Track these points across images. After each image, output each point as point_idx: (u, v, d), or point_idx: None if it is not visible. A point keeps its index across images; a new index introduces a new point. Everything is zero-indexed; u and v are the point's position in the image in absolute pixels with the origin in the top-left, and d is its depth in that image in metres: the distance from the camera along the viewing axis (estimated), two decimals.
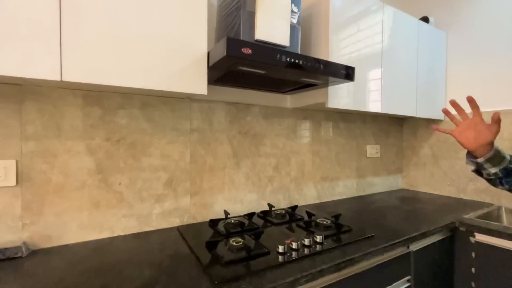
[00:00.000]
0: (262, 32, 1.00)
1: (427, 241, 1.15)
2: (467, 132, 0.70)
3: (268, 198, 1.40)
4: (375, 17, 1.38)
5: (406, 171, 2.06)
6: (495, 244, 1.15)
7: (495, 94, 1.59)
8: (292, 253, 0.84)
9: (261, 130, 1.38)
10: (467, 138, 0.69)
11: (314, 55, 1.27)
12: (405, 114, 1.58)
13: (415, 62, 1.60)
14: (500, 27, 1.57)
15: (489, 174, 0.70)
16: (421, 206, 1.53)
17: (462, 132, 0.71)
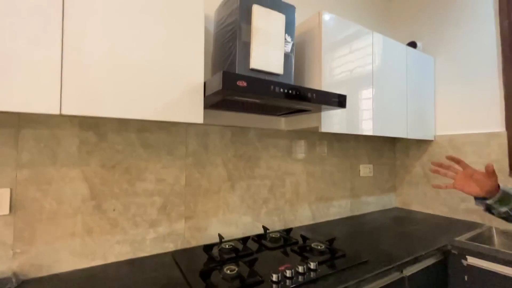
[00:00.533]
0: (257, 61, 1.05)
1: (420, 265, 1.16)
2: (469, 183, 0.73)
3: (263, 220, 1.41)
4: (365, 44, 1.44)
5: (400, 190, 2.09)
6: (487, 267, 1.16)
7: (480, 116, 1.65)
8: (286, 281, 0.84)
9: (256, 152, 1.40)
10: (473, 188, 0.73)
11: (307, 80, 1.31)
12: (396, 135, 1.62)
13: (404, 86, 1.66)
14: (483, 52, 1.65)
15: (500, 213, 0.72)
16: (414, 227, 1.55)
17: (464, 184, 0.75)
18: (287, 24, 1.13)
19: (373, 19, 2.06)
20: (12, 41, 0.64)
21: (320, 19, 1.26)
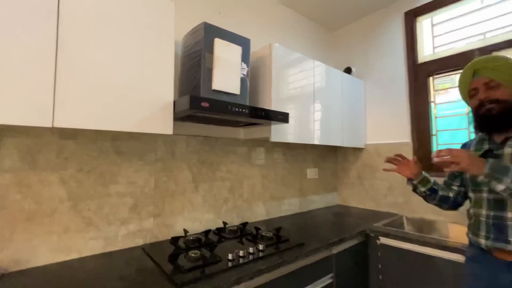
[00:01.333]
0: (218, 83, 1.29)
1: (346, 244, 1.49)
2: (404, 169, 1.19)
3: (223, 217, 1.63)
4: (307, 69, 1.78)
5: (340, 190, 2.48)
6: (395, 245, 1.53)
7: (396, 130, 2.10)
8: (239, 259, 1.08)
9: (217, 158, 1.62)
10: (406, 173, 1.19)
11: (260, 99, 1.59)
12: (335, 144, 1.99)
13: (340, 104, 2.05)
14: (398, 80, 2.12)
15: (421, 192, 1.16)
16: (348, 218, 1.91)
17: (401, 169, 1.21)
18: (243, 54, 1.40)
19: (318, 47, 2.45)
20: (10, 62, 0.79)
21: (271, 49, 1.56)
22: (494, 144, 0.98)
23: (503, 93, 0.93)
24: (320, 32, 2.49)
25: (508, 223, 0.88)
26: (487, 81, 0.95)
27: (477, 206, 1.00)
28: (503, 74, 0.93)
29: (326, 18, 2.37)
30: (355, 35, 2.44)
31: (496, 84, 0.94)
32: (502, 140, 0.96)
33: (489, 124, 0.97)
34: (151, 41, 1.07)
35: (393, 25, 2.16)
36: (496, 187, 0.83)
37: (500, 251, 0.89)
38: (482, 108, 0.96)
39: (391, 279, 1.52)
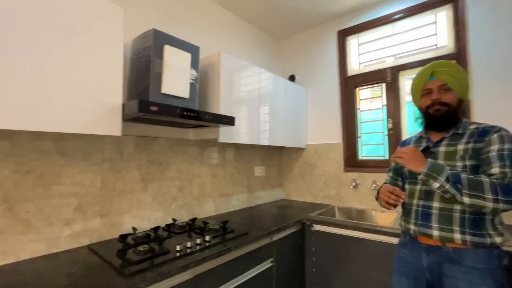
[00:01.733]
0: (167, 87, 1.36)
1: (285, 232, 1.71)
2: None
3: (173, 214, 1.70)
4: (253, 76, 1.96)
5: (285, 185, 2.74)
6: (326, 230, 1.80)
7: (331, 132, 2.43)
8: (187, 250, 1.19)
9: (167, 158, 1.69)
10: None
11: (209, 103, 1.70)
12: (280, 144, 2.21)
13: (284, 108, 2.28)
14: (333, 89, 2.45)
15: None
16: (290, 210, 2.15)
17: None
18: (192, 60, 1.50)
19: (266, 55, 2.66)
20: None
21: (219, 57, 1.69)
22: (431, 142, 1.10)
23: (451, 98, 1.04)
24: (267, 40, 2.71)
25: (432, 211, 1.00)
26: (441, 84, 1.04)
27: (410, 197, 1.10)
28: (454, 80, 1.03)
29: (273, 28, 2.59)
30: (299, 46, 2.72)
31: (447, 88, 1.04)
32: (438, 140, 1.08)
33: (435, 123, 1.08)
34: (99, 46, 1.10)
35: (329, 41, 2.49)
36: (432, 185, 0.92)
37: (423, 236, 1.01)
38: (432, 108, 1.06)
39: (323, 260, 1.80)
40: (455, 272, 0.94)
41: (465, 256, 0.93)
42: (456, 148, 1.01)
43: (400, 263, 1.12)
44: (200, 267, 1.14)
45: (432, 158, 1.01)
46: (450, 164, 0.98)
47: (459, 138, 1.03)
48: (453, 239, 0.94)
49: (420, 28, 2.04)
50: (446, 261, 0.96)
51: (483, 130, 1.00)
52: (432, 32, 1.99)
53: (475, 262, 0.92)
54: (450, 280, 0.94)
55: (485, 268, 0.91)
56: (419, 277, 1.03)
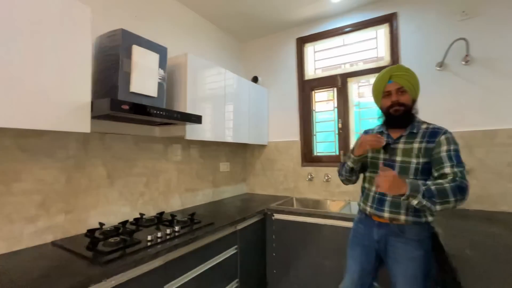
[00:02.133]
0: (136, 86, 1.41)
1: (248, 222, 1.87)
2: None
3: (140, 209, 1.74)
4: (218, 75, 2.07)
5: (248, 180, 2.90)
6: (285, 219, 2.01)
7: (290, 130, 2.66)
8: (158, 239, 1.27)
9: (133, 154, 1.72)
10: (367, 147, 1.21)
11: (176, 101, 1.77)
12: (244, 142, 2.36)
13: (247, 108, 2.44)
14: (293, 91, 2.67)
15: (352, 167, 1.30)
16: (252, 203, 2.32)
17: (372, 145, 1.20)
18: (160, 61, 1.56)
19: (231, 55, 2.78)
20: None
21: (186, 58, 1.77)
22: (391, 138, 1.25)
23: (407, 99, 1.19)
24: (232, 42, 2.83)
25: (386, 198, 1.20)
26: (399, 87, 1.19)
27: (370, 183, 1.29)
28: (408, 84, 1.18)
29: (237, 30, 2.72)
30: (261, 49, 2.89)
31: (403, 91, 1.19)
32: (397, 137, 1.23)
33: (394, 121, 1.23)
34: (67, 44, 1.12)
35: (289, 47, 2.71)
36: (411, 202, 1.02)
37: (376, 216, 1.23)
38: (392, 108, 1.21)
39: (282, 245, 2.01)
40: (397, 243, 1.18)
41: (405, 230, 1.17)
42: (412, 146, 1.19)
43: (355, 235, 1.34)
44: (170, 254, 1.24)
45: (393, 153, 1.22)
46: (407, 160, 1.18)
47: (414, 137, 1.20)
48: (399, 219, 1.18)
49: (364, 42, 2.36)
50: (392, 234, 1.20)
51: (432, 131, 1.18)
52: (374, 46, 2.32)
53: (412, 235, 1.17)
54: (392, 249, 1.20)
55: (419, 239, 1.16)
56: (370, 246, 1.27)
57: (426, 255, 1.16)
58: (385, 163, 1.24)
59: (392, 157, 1.23)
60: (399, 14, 2.16)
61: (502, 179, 1.76)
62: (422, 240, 1.17)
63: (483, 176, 1.81)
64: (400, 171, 1.19)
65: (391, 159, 1.22)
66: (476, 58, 1.86)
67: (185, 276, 1.33)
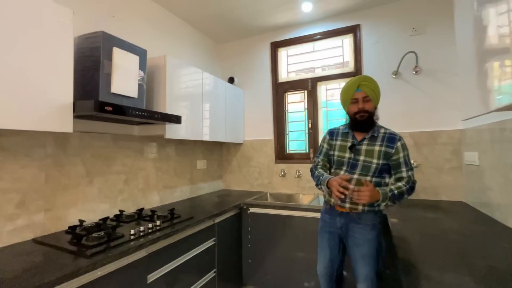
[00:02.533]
0: (116, 87, 1.47)
1: (225, 215, 2.00)
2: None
3: (119, 206, 1.78)
4: (196, 77, 2.15)
5: (225, 177, 3.02)
6: (260, 212, 2.17)
7: (265, 129, 2.82)
8: (140, 233, 1.35)
9: (112, 153, 1.75)
10: None
11: (156, 101, 1.83)
12: (221, 140, 2.47)
13: (224, 107, 2.54)
14: (266, 92, 2.83)
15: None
16: (229, 198, 2.45)
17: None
18: (140, 63, 1.62)
19: (207, 56, 2.86)
20: None
21: (165, 60, 1.83)
22: (356, 140, 1.43)
23: (370, 106, 1.37)
24: (209, 43, 2.91)
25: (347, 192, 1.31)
26: (365, 95, 1.36)
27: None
28: (373, 93, 1.35)
29: (214, 32, 2.80)
30: (238, 51, 3.01)
31: (368, 99, 1.36)
32: (361, 139, 1.42)
33: (359, 125, 1.41)
34: (50, 47, 1.15)
35: (264, 50, 2.85)
36: (381, 206, 1.32)
37: (339, 206, 1.43)
38: (358, 114, 1.38)
39: (257, 236, 2.16)
40: (355, 228, 1.40)
41: (362, 217, 1.39)
42: (374, 148, 1.39)
43: (323, 224, 1.54)
44: (153, 246, 1.33)
45: (357, 153, 1.41)
46: (369, 160, 1.38)
47: (374, 140, 1.41)
48: (357, 208, 1.39)
49: (332, 49, 2.58)
50: (351, 221, 1.41)
51: (389, 136, 1.40)
52: (340, 53, 2.55)
53: (367, 221, 1.39)
54: (352, 233, 1.41)
55: (373, 224, 1.39)
56: (334, 232, 1.48)
57: (378, 236, 1.39)
58: (350, 162, 1.43)
59: (356, 156, 1.42)
60: (362, 26, 2.40)
61: (442, 173, 2.07)
62: (375, 225, 1.39)
63: (428, 171, 2.11)
64: (362, 168, 1.39)
65: (355, 158, 1.42)
66: (424, 69, 2.16)
67: (167, 266, 1.43)
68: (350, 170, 1.42)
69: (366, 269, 1.35)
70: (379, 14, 2.33)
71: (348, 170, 1.43)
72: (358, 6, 2.34)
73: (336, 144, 1.51)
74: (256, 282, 2.16)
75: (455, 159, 2.03)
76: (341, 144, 1.49)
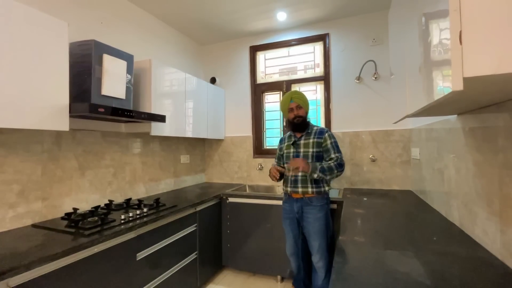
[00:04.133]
0: (106, 90, 1.65)
1: (206, 204, 2.23)
2: None
3: (109, 196, 1.97)
4: (179, 79, 2.35)
5: (207, 170, 3.24)
6: (238, 201, 2.42)
7: (244, 126, 3.05)
8: (129, 218, 1.56)
9: (102, 148, 1.93)
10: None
11: (142, 101, 2.02)
12: (203, 137, 2.68)
13: (206, 106, 2.75)
14: (246, 92, 3.06)
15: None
16: (210, 189, 2.68)
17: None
18: (127, 67, 1.80)
19: (190, 57, 3.04)
20: None
21: (151, 64, 2.02)
22: (296, 138, 1.88)
23: (302, 112, 1.82)
24: (192, 45, 3.08)
25: (298, 178, 1.79)
26: (297, 104, 1.81)
27: (287, 171, 1.86)
28: (303, 102, 1.82)
29: (197, 35, 2.98)
30: (220, 52, 3.20)
31: (300, 107, 1.82)
32: (300, 137, 1.87)
33: (296, 127, 1.85)
34: (48, 56, 1.32)
35: (244, 53, 3.07)
36: (313, 176, 1.68)
37: (294, 193, 1.80)
38: (295, 119, 1.82)
39: (235, 224, 2.41)
40: (308, 210, 1.77)
41: (312, 200, 1.74)
42: (309, 141, 1.84)
43: (284, 212, 1.91)
44: (141, 229, 1.55)
45: (298, 147, 1.84)
46: (306, 150, 1.81)
47: (309, 135, 1.86)
48: (308, 191, 1.73)
49: (305, 54, 2.85)
50: (305, 204, 1.77)
51: (320, 130, 1.87)
52: (312, 59, 2.82)
53: (316, 202, 1.74)
54: (305, 214, 1.76)
55: (321, 205, 1.74)
56: (293, 218, 1.83)
57: (326, 215, 1.74)
58: (294, 154, 1.83)
59: (297, 149, 1.84)
60: (330, 35, 2.68)
61: (394, 166, 2.41)
62: (322, 205, 1.74)
63: (383, 164, 2.44)
64: (303, 157, 1.77)
65: (297, 151, 1.83)
66: (382, 76, 2.47)
67: (154, 247, 1.65)
68: None
69: (317, 242, 1.68)
70: (346, 24, 2.61)
71: None
72: (327, 17, 2.61)
73: (284, 145, 1.96)
74: (234, 264, 2.42)
75: (405, 154, 2.37)
76: (287, 144, 1.93)
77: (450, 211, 1.42)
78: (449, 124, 1.40)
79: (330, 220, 1.81)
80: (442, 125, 1.52)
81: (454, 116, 1.34)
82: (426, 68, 0.78)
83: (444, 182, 1.49)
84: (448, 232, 1.27)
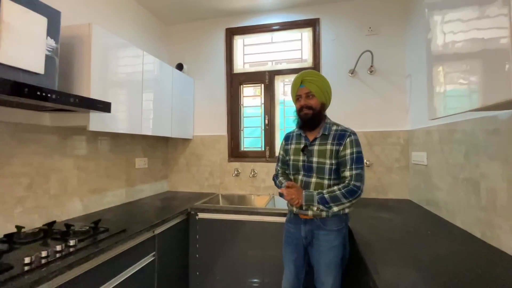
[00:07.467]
0: (8, 58, 1.04)
1: (168, 224, 1.69)
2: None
3: (17, 220, 1.33)
4: (135, 59, 1.78)
5: (170, 177, 2.66)
6: (210, 217, 1.91)
7: (218, 124, 2.55)
8: (41, 261, 0.98)
9: (8, 149, 1.29)
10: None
11: (76, 83, 1.42)
12: (164, 135, 2.12)
13: (170, 97, 2.20)
14: (220, 84, 2.56)
15: None
16: (175, 202, 2.13)
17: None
18: (49, 27, 1.20)
19: (152, 37, 2.45)
20: None
21: (90, 30, 1.42)
22: (308, 141, 1.33)
23: (315, 102, 1.27)
24: (155, 23, 2.49)
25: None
26: (307, 91, 1.26)
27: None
28: (316, 88, 1.25)
29: (162, 11, 2.41)
30: (189, 34, 2.66)
31: (312, 95, 1.26)
32: (313, 139, 1.31)
33: (305, 124, 1.31)
34: None
35: (218, 36, 2.57)
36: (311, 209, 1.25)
37: (302, 214, 1.30)
38: (301, 112, 1.28)
39: (207, 245, 1.90)
40: (320, 235, 1.27)
41: (326, 223, 1.27)
42: (326, 148, 1.27)
43: (287, 234, 1.40)
44: (62, 276, 0.97)
45: (309, 155, 1.30)
46: (322, 161, 1.27)
47: (326, 138, 1.29)
48: (321, 214, 1.26)
49: (291, 42, 2.46)
50: (316, 228, 1.28)
51: (340, 133, 1.28)
52: (298, 47, 2.44)
53: (332, 226, 1.27)
54: (316, 241, 1.28)
55: (338, 229, 1.27)
56: (299, 244, 1.34)
57: (343, 243, 1.29)
58: (305, 164, 1.31)
59: (309, 158, 1.30)
60: (321, 21, 2.32)
61: (391, 172, 2.13)
62: (340, 230, 1.28)
63: (378, 170, 2.15)
64: (317, 171, 1.28)
65: (309, 160, 1.30)
66: (378, 69, 2.18)
67: None
68: (307, 173, 1.31)
69: (331, 278, 1.23)
70: (339, 10, 2.28)
71: (305, 174, 1.32)
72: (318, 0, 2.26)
73: (291, 148, 1.40)
74: None
75: (403, 159, 2.11)
76: (296, 148, 1.37)
77: (493, 232, 1.11)
78: (496, 123, 1.10)
79: (348, 248, 1.34)
80: (478, 125, 1.22)
81: (507, 112, 1.03)
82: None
83: (481, 195, 1.19)
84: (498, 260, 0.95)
